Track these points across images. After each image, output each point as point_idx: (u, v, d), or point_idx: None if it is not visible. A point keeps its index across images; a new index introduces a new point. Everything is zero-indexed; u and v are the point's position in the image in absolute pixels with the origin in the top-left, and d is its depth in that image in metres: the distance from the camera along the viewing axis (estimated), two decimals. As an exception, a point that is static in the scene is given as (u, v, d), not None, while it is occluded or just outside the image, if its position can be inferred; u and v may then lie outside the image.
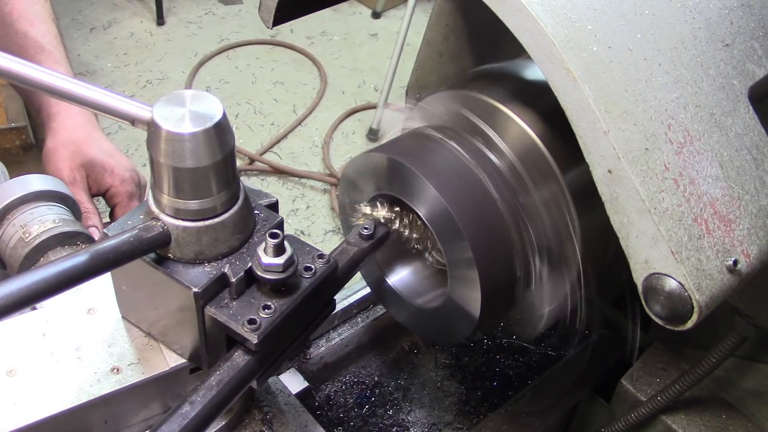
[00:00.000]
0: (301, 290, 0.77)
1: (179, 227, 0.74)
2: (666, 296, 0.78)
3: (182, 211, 0.73)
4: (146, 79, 3.67)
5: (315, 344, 1.36)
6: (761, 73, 0.91)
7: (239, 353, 0.74)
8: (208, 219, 0.74)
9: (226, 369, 0.73)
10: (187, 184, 0.71)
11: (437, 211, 0.93)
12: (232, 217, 0.75)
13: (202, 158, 0.69)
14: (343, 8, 4.34)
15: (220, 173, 0.72)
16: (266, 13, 0.98)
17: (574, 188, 0.93)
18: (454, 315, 1.01)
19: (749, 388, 1.24)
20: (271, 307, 0.74)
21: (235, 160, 0.75)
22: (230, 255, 0.77)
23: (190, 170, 0.69)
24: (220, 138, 0.70)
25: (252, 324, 0.73)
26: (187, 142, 0.68)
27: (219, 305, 0.75)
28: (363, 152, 1.04)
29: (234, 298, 0.75)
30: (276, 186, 3.20)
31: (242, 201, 0.77)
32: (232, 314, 0.74)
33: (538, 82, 0.98)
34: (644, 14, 0.85)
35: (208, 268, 0.75)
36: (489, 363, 1.40)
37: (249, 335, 0.72)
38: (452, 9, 1.09)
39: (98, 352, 0.83)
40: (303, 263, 0.78)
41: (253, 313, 0.74)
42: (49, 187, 1.08)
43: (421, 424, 1.30)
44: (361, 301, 1.41)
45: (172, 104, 0.70)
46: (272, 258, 0.73)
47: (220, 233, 0.75)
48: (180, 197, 0.72)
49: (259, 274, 0.74)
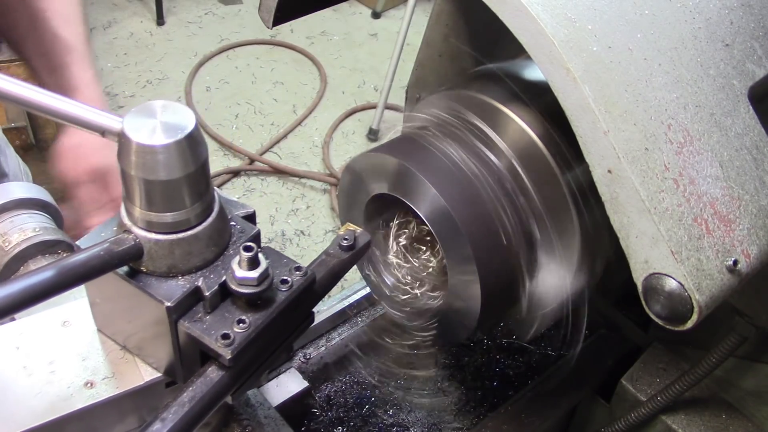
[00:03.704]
0: (276, 304, 0.75)
1: (151, 240, 0.72)
2: (666, 296, 0.78)
3: (154, 223, 0.72)
4: (146, 79, 3.67)
5: (315, 344, 1.36)
6: (761, 73, 0.91)
7: (213, 368, 0.73)
8: (181, 232, 0.73)
9: (199, 385, 0.72)
10: (159, 196, 0.70)
11: (437, 211, 0.93)
12: (206, 229, 0.74)
13: (174, 170, 0.68)
14: (343, 8, 4.34)
15: (193, 185, 0.70)
16: (266, 13, 0.98)
17: (574, 188, 0.93)
18: (454, 315, 1.01)
19: (749, 388, 1.24)
20: (246, 321, 0.73)
21: (209, 171, 0.74)
22: (205, 268, 0.75)
23: (162, 183, 0.68)
24: (192, 149, 0.68)
25: (225, 339, 0.71)
26: (159, 154, 0.67)
27: (193, 319, 0.74)
28: (363, 152, 1.04)
29: (208, 312, 0.74)
30: (276, 186, 3.20)
31: (217, 213, 0.75)
32: (206, 328, 0.73)
33: (538, 82, 0.98)
34: (644, 14, 0.85)
35: (182, 281, 0.74)
36: (489, 363, 1.40)
37: (222, 350, 0.71)
38: (452, 9, 1.09)
39: (72, 365, 0.82)
40: (280, 276, 0.77)
41: (227, 327, 0.72)
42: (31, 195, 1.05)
43: (421, 424, 1.30)
44: (361, 301, 1.41)
45: (143, 115, 0.68)
46: (246, 271, 0.72)
47: (194, 246, 0.74)
48: (152, 210, 0.71)
49: (234, 288, 0.73)
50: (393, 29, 4.12)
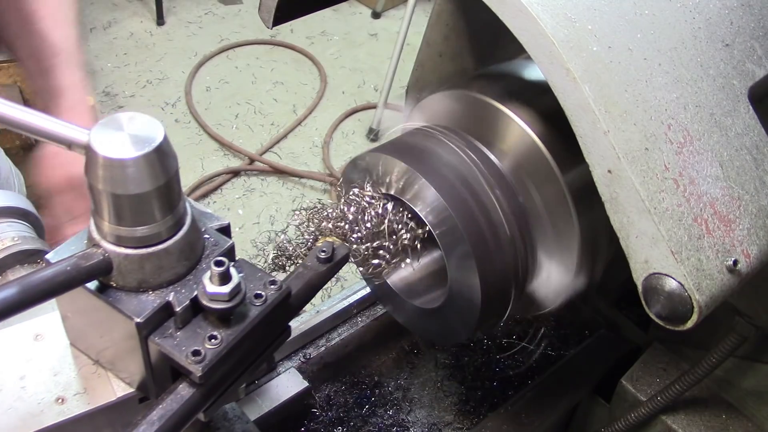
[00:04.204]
0: (250, 319, 0.73)
1: (121, 255, 0.70)
2: (666, 296, 0.78)
3: (123, 238, 0.70)
4: (146, 79, 3.67)
5: (315, 344, 1.36)
6: (761, 73, 0.91)
7: (184, 385, 0.71)
8: (151, 246, 0.71)
9: (169, 402, 0.70)
10: (128, 210, 0.68)
11: (437, 210, 0.93)
12: (177, 243, 0.72)
13: (142, 184, 0.66)
14: (343, 8, 4.34)
15: (163, 199, 0.69)
16: (266, 13, 0.98)
17: (574, 188, 0.93)
18: (454, 315, 1.01)
19: (749, 388, 1.24)
20: (218, 337, 0.71)
21: (180, 183, 0.72)
22: (176, 282, 0.74)
23: (130, 197, 0.67)
24: (161, 162, 0.67)
25: (196, 355, 0.70)
26: (126, 167, 0.65)
27: (163, 335, 0.72)
28: (363, 152, 1.04)
29: (179, 327, 0.72)
30: (276, 186, 3.20)
31: (188, 226, 0.73)
32: (177, 344, 0.71)
33: (538, 82, 0.98)
34: (644, 14, 0.85)
35: (152, 296, 0.72)
36: (489, 363, 1.40)
37: (192, 367, 0.69)
38: (452, 9, 1.09)
39: (44, 381, 0.80)
40: (254, 290, 0.75)
41: (198, 343, 0.71)
42: (10, 203, 1.04)
43: (421, 424, 1.30)
44: (361, 301, 1.41)
45: (110, 128, 0.67)
46: (217, 287, 0.70)
47: (165, 260, 0.72)
48: (121, 224, 0.69)
49: (205, 304, 0.71)
50: (393, 29, 4.12)
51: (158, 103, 3.53)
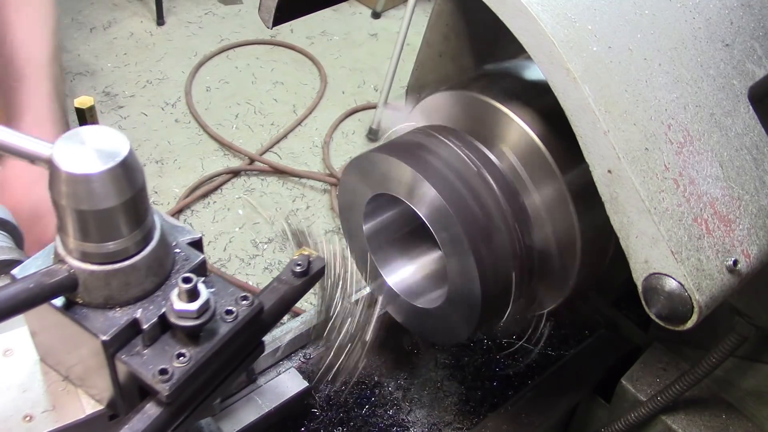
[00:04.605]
0: (219, 336, 0.71)
1: (86, 271, 0.69)
2: (666, 296, 0.78)
3: (89, 254, 0.68)
4: (146, 79, 3.66)
5: (315, 344, 1.36)
6: (761, 73, 0.91)
7: (151, 405, 0.70)
8: (117, 262, 0.69)
9: (135, 422, 0.68)
10: (93, 226, 0.66)
11: (437, 211, 0.93)
12: (144, 259, 0.70)
13: (107, 199, 0.65)
14: (343, 8, 4.33)
15: (129, 214, 0.67)
16: (266, 13, 0.98)
17: (574, 188, 0.93)
18: (454, 315, 1.01)
19: (749, 388, 1.24)
20: (186, 355, 0.69)
21: (147, 198, 0.70)
22: (144, 298, 0.72)
23: (95, 212, 0.65)
24: (127, 176, 0.65)
25: (163, 374, 0.68)
26: (90, 182, 0.63)
27: (131, 353, 0.70)
28: (363, 152, 1.04)
29: (147, 345, 0.71)
30: (276, 186, 3.20)
31: (157, 241, 0.72)
32: (144, 362, 0.69)
33: (538, 82, 0.98)
34: (644, 14, 0.85)
35: (119, 313, 0.71)
36: (489, 363, 1.40)
37: (159, 386, 0.67)
38: (452, 9, 1.09)
39: (12, 397, 0.78)
40: (224, 306, 0.73)
41: (166, 361, 0.69)
42: None
43: (421, 424, 1.30)
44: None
45: (74, 142, 0.65)
46: (185, 304, 0.69)
47: (132, 277, 0.70)
48: (86, 240, 0.67)
49: (172, 321, 0.69)
50: (393, 29, 4.12)
51: (158, 103, 3.53)
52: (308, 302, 2.58)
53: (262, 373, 1.30)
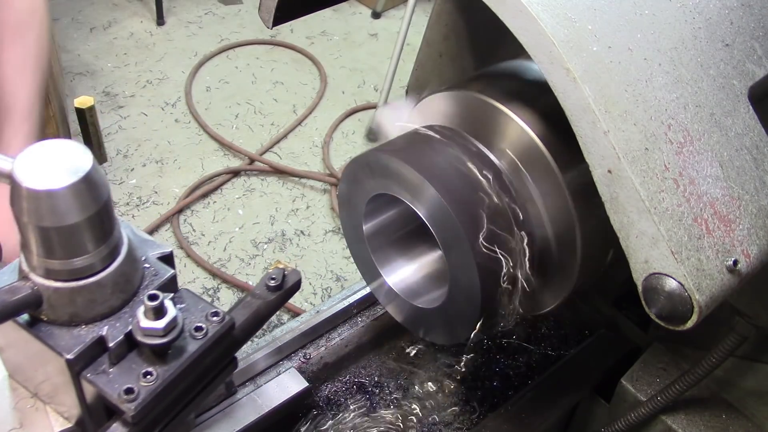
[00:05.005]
0: (188, 354, 0.70)
1: (50, 288, 0.67)
2: (666, 296, 0.78)
3: (52, 271, 0.67)
4: (146, 79, 3.66)
5: (315, 344, 1.36)
6: (761, 73, 0.91)
7: (117, 425, 0.68)
8: (82, 279, 0.68)
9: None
10: (56, 243, 0.65)
11: (437, 211, 0.93)
12: (110, 275, 0.69)
13: (70, 215, 0.63)
14: (343, 8, 4.34)
15: (94, 229, 0.66)
16: (266, 13, 0.98)
17: (574, 188, 0.93)
18: (454, 315, 1.01)
19: (749, 388, 1.24)
20: (153, 373, 0.68)
21: (112, 212, 0.68)
22: (111, 315, 0.70)
23: (58, 229, 0.63)
24: (90, 191, 0.64)
25: (129, 393, 0.66)
26: (53, 199, 0.62)
27: (96, 371, 0.68)
28: (363, 152, 1.04)
29: (113, 363, 0.69)
30: (276, 186, 3.20)
31: (123, 256, 0.70)
32: (110, 381, 0.68)
33: (538, 82, 0.98)
34: (644, 14, 0.85)
35: (85, 330, 0.69)
36: (489, 363, 1.40)
37: (125, 406, 0.66)
38: (452, 9, 1.09)
39: None
40: (194, 322, 0.71)
41: (132, 380, 0.67)
42: None
43: (421, 424, 1.30)
44: (361, 301, 1.41)
45: (35, 157, 0.64)
46: (152, 321, 0.67)
47: (97, 293, 0.69)
48: (49, 257, 0.66)
49: (139, 339, 0.68)
50: (393, 29, 4.12)
51: (158, 103, 3.53)
52: (309, 303, 2.58)
53: (262, 373, 1.30)
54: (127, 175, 3.12)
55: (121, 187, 3.06)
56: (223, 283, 2.70)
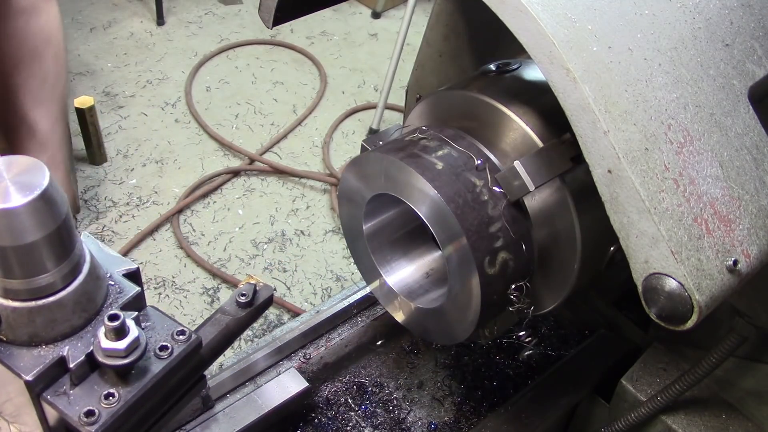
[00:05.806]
0: (152, 375, 0.68)
1: (8, 308, 0.66)
2: (666, 296, 0.78)
3: (10, 291, 0.65)
4: (146, 79, 3.66)
5: (315, 344, 1.36)
6: (761, 73, 0.91)
7: None
8: (41, 298, 0.66)
9: None
10: (13, 262, 0.63)
11: (437, 210, 0.93)
12: (71, 294, 0.67)
13: (26, 234, 0.61)
14: (343, 8, 4.33)
15: (52, 247, 0.64)
16: (266, 13, 0.98)
17: (574, 188, 0.93)
18: (454, 315, 1.01)
19: (749, 388, 1.24)
20: (115, 395, 0.66)
21: (72, 229, 0.66)
22: (73, 335, 0.69)
23: (16, 248, 0.61)
24: (48, 208, 0.61)
25: (90, 416, 0.64)
26: (9, 217, 0.60)
27: (57, 392, 0.67)
28: (363, 152, 1.04)
29: (75, 384, 0.67)
30: (276, 186, 3.20)
31: (85, 274, 0.68)
32: (70, 403, 0.66)
33: (538, 82, 0.98)
34: (644, 14, 0.85)
35: (45, 351, 0.67)
36: (489, 363, 1.40)
37: (85, 429, 0.64)
38: (452, 9, 1.09)
39: None
40: (159, 341, 0.70)
41: (93, 402, 0.65)
42: None
43: (421, 424, 1.30)
44: (361, 301, 1.41)
45: None
46: (113, 342, 0.65)
47: (58, 313, 0.67)
48: (8, 276, 0.64)
49: (100, 360, 0.66)
50: (393, 29, 4.12)
51: (158, 103, 3.53)
52: (309, 303, 2.58)
53: (262, 373, 1.30)
54: (127, 175, 3.12)
55: (121, 187, 3.06)
56: (223, 283, 2.70)
